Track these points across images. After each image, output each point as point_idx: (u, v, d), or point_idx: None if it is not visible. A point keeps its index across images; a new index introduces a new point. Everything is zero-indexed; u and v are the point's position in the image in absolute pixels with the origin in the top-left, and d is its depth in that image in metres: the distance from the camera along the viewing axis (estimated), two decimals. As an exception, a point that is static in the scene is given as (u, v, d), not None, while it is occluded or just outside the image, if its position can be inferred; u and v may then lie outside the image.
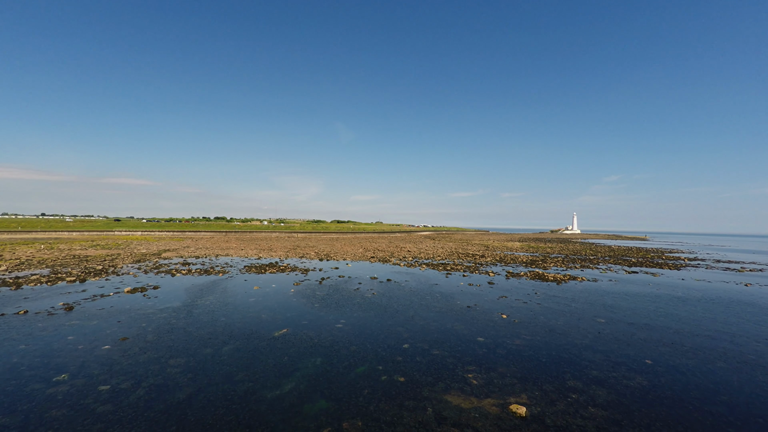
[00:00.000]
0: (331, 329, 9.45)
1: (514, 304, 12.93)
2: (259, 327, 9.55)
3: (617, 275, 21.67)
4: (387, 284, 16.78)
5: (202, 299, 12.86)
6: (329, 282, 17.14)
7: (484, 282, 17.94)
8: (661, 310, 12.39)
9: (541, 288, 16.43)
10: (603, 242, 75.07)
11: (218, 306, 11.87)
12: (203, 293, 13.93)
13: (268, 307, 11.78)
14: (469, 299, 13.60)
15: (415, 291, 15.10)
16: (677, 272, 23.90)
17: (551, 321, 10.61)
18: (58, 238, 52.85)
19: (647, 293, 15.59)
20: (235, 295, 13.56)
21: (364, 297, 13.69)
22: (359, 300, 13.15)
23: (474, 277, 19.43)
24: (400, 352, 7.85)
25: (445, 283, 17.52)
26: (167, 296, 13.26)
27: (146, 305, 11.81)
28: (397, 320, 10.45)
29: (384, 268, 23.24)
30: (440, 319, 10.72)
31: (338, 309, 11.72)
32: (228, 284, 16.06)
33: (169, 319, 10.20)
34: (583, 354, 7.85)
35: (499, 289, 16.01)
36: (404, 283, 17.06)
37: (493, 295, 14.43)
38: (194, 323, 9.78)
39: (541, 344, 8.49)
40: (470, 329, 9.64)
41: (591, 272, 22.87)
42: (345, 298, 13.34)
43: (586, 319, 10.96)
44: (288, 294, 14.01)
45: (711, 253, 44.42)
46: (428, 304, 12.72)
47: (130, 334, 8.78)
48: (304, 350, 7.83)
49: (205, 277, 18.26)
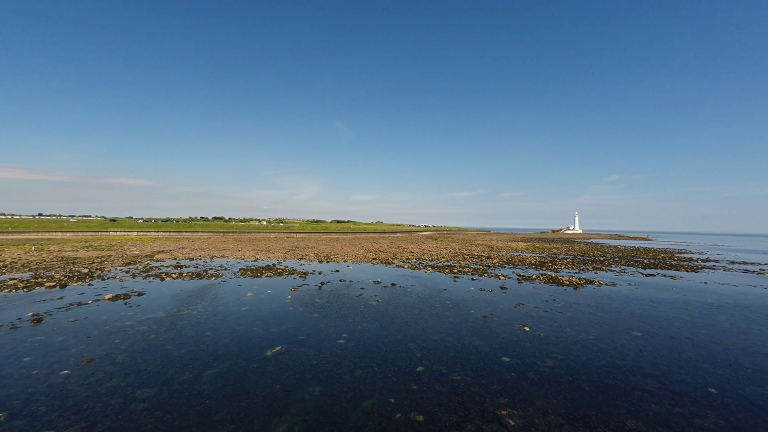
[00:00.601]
0: (331, 346, 8.23)
1: (533, 313, 11.71)
2: (249, 343, 8.32)
3: (634, 278, 20.46)
4: (392, 289, 15.56)
5: (189, 308, 11.63)
6: (329, 287, 15.91)
7: (496, 287, 16.72)
8: (698, 320, 11.17)
9: (558, 293, 15.22)
10: (607, 242, 73.90)
11: (206, 316, 10.64)
12: (192, 301, 12.70)
13: (261, 318, 10.55)
14: (484, 307, 12.37)
15: (423, 297, 13.88)
16: (695, 275, 22.69)
17: (581, 335, 9.39)
18: (52, 238, 51.57)
19: (675, 300, 14.37)
20: (227, 304, 12.33)
21: (368, 305, 12.46)
22: (363, 308, 11.93)
23: (484, 281, 18.21)
24: (414, 377, 6.62)
25: (454, 288, 16.30)
26: (151, 304, 12.03)
27: (125, 316, 10.57)
28: (406, 334, 9.23)
29: (387, 270, 22.02)
30: (455, 332, 9.50)
31: (340, 320, 10.50)
32: (220, 290, 14.83)
33: (147, 333, 8.97)
34: (631, 380, 6.63)
35: (513, 294, 14.78)
36: (410, 289, 15.84)
37: (509, 303, 13.20)
38: (176, 339, 8.55)
39: (577, 366, 7.27)
40: (491, 345, 8.41)
41: (605, 275, 21.66)
42: (347, 307, 12.11)
43: (619, 331, 9.74)
44: (284, 302, 12.78)
45: (721, 254, 43.24)
46: (439, 313, 11.50)
47: (99, 353, 7.55)
48: (301, 375, 6.61)
49: (196, 281, 17.02)
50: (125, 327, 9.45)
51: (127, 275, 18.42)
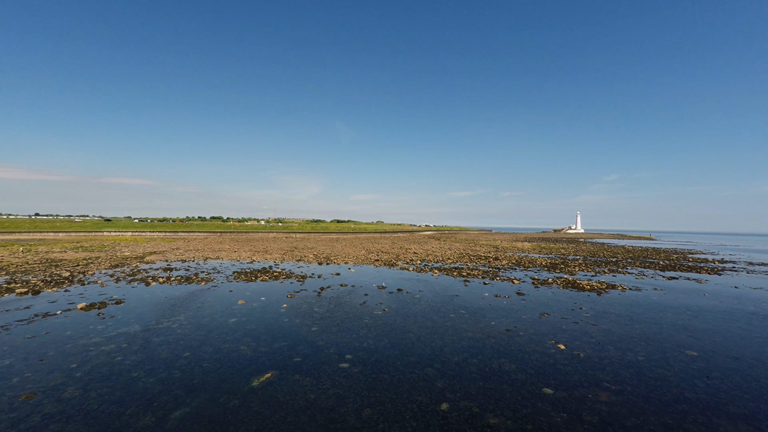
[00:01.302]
0: (333, 372, 6.80)
1: (562, 325, 10.29)
2: (233, 368, 6.89)
3: (657, 282, 19.05)
4: (398, 296, 14.13)
5: (170, 320, 10.20)
6: (330, 293, 14.48)
7: (512, 292, 15.29)
8: (755, 334, 9.74)
9: (582, 300, 13.79)
10: (612, 242, 72.51)
11: (187, 331, 9.21)
12: (175, 310, 11.27)
13: (251, 333, 9.12)
14: (504, 318, 10.95)
15: (435, 306, 12.45)
16: (719, 278, 21.28)
17: (627, 354, 7.97)
18: (43, 239, 50.09)
19: (713, 308, 12.95)
20: (213, 314, 10.90)
21: (374, 315, 11.03)
22: (368, 320, 10.50)
23: (498, 286, 16.78)
24: (438, 418, 5.19)
25: (467, 293, 14.87)
26: (128, 316, 10.59)
27: (94, 331, 9.14)
28: (422, 354, 7.80)
29: (391, 273, 20.59)
30: (478, 350, 8.07)
31: (342, 334, 9.07)
32: (209, 297, 13.40)
33: (114, 354, 7.54)
34: (716, 424, 5.20)
35: (533, 302, 13.36)
36: (418, 295, 14.41)
37: (531, 311, 11.78)
38: (145, 362, 7.12)
39: (640, 401, 5.84)
40: (526, 371, 6.99)
41: (625, 278, 20.24)
42: (350, 317, 10.68)
43: (670, 350, 8.31)
44: (279, 311, 11.34)
45: (733, 254, 41.85)
46: (455, 325, 10.07)
47: (45, 384, 6.12)
48: (294, 418, 5.18)
49: (184, 286, 15.59)
50: (89, 346, 8.01)
51: (111, 279, 16.98)
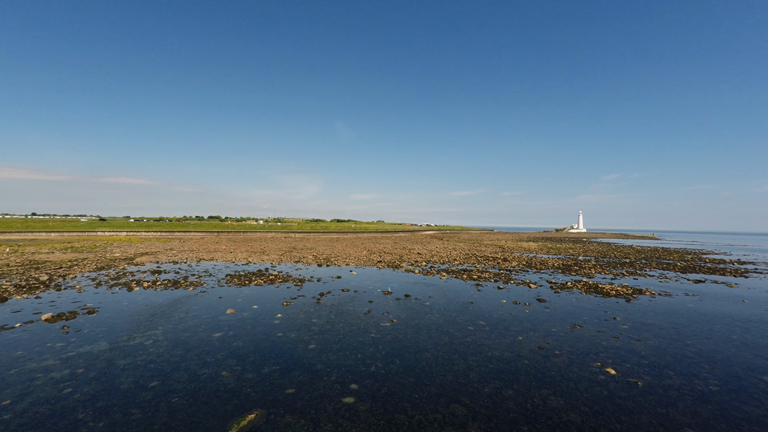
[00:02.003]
0: (335, 411, 5.36)
1: (602, 340, 8.84)
2: (209, 406, 5.45)
3: (684, 286, 17.61)
4: (406, 303, 12.69)
5: (145, 334, 8.76)
6: (330, 299, 13.04)
7: (531, 298, 13.86)
8: (829, 352, 8.32)
9: (612, 308, 12.36)
10: (617, 242, 71.06)
11: (162, 350, 7.77)
12: (153, 322, 9.83)
13: (237, 352, 7.68)
14: (531, 331, 9.51)
15: (449, 315, 11.02)
16: (748, 281, 19.85)
17: (695, 383, 6.52)
18: (35, 239, 48.61)
19: (762, 318, 11.51)
20: (197, 327, 9.45)
21: (381, 328, 9.59)
22: (374, 334, 9.06)
23: (514, 291, 15.34)
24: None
25: (482, 300, 13.43)
26: (97, 329, 9.15)
27: (51, 349, 7.70)
28: (444, 383, 6.36)
29: (396, 276, 19.15)
30: (512, 377, 6.62)
31: (344, 354, 7.63)
32: (195, 304, 11.97)
33: (63, 384, 6.09)
34: None
35: (558, 310, 11.92)
36: (429, 302, 12.98)
37: (560, 323, 10.35)
38: (99, 396, 5.68)
39: (742, 457, 4.41)
40: (578, 407, 5.54)
41: (647, 281, 18.81)
42: (353, 331, 9.24)
43: (744, 376, 6.86)
44: (272, 324, 9.89)
45: (748, 255, 40.43)
46: (478, 341, 8.63)
47: (-41, 433, 4.68)
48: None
49: (170, 292, 14.15)
50: (38, 371, 6.57)
51: (92, 284, 15.54)
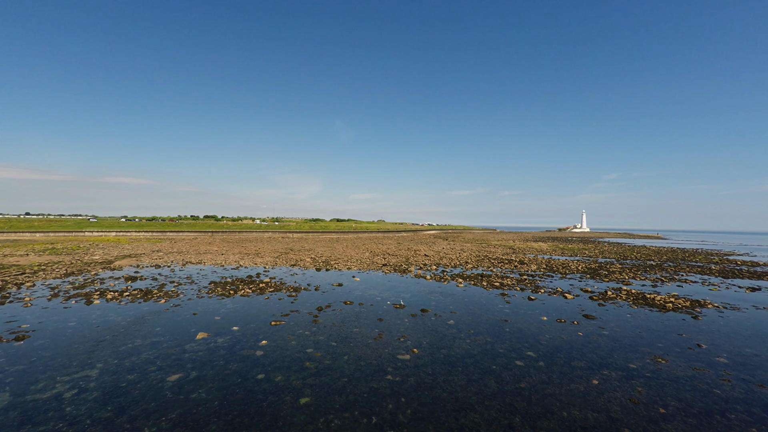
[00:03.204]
0: None
1: (713, 386, 6.36)
2: None
3: (742, 295, 15.16)
4: (424, 321, 10.23)
5: (73, 377, 6.30)
6: (330, 316, 10.58)
7: (574, 312, 11.41)
8: None
9: (681, 327, 9.92)
10: (626, 241, 68.63)
11: (84, 410, 5.30)
12: (94, 355, 7.37)
13: (192, 412, 5.20)
14: (603, 367, 7.04)
15: (483, 341, 8.55)
16: (806, 287, 17.43)
17: None
18: (17, 240, 46.09)
19: None
20: (150, 363, 6.98)
21: (399, 364, 7.12)
22: (392, 374, 6.58)
23: (549, 302, 12.87)
24: None
25: (515, 316, 10.97)
26: (11, 368, 6.67)
27: None
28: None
29: (405, 283, 16.69)
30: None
31: (352, 418, 5.17)
32: (160, 324, 9.51)
33: None
34: None
35: (617, 331, 9.46)
36: (451, 318, 10.52)
37: (631, 352, 7.88)
38: None
39: None
40: None
41: (695, 289, 16.37)
42: (362, 371, 6.77)
43: None
44: (252, 356, 7.41)
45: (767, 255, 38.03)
46: (538, 389, 6.15)
47: None
48: None
49: (136, 305, 11.69)
50: None
51: (48, 294, 13.07)
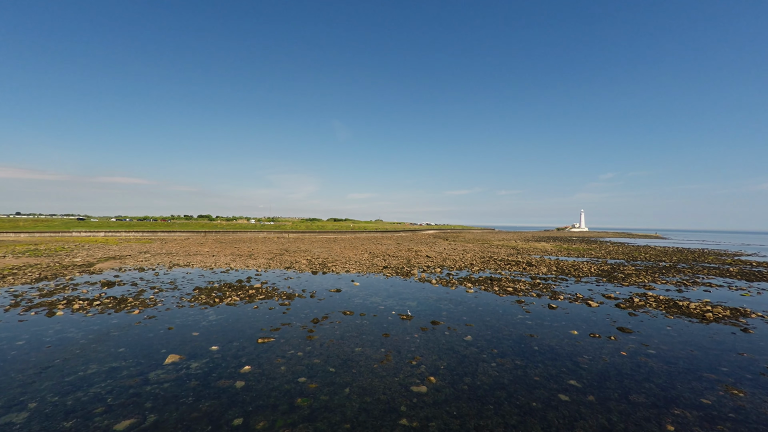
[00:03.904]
0: None
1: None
2: None
3: (778, 301, 13.86)
4: (437, 336, 8.78)
5: (-10, 422, 4.80)
6: (327, 331, 9.11)
7: (605, 324, 10.01)
8: None
9: (735, 344, 8.54)
10: (629, 241, 67.60)
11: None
12: (29, 388, 5.85)
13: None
14: (672, 404, 5.62)
15: (512, 365, 7.11)
16: (840, 292, 16.17)
17: None
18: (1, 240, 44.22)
19: None
20: (100, 399, 5.47)
21: (414, 401, 5.65)
22: (407, 417, 5.13)
23: (572, 312, 11.45)
24: None
25: (541, 329, 9.55)
26: None
27: None
28: None
29: (409, 288, 15.24)
30: None
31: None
32: (125, 343, 8.00)
33: None
34: None
35: (665, 350, 8.05)
36: (468, 333, 9.08)
37: (695, 379, 6.47)
38: None
39: None
40: None
41: (725, 295, 15.04)
42: (369, 412, 5.30)
43: None
44: (230, 389, 5.92)
45: (784, 256, 36.94)
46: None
47: None
48: None
49: (104, 317, 10.17)
50: None
51: (11, 302, 11.58)
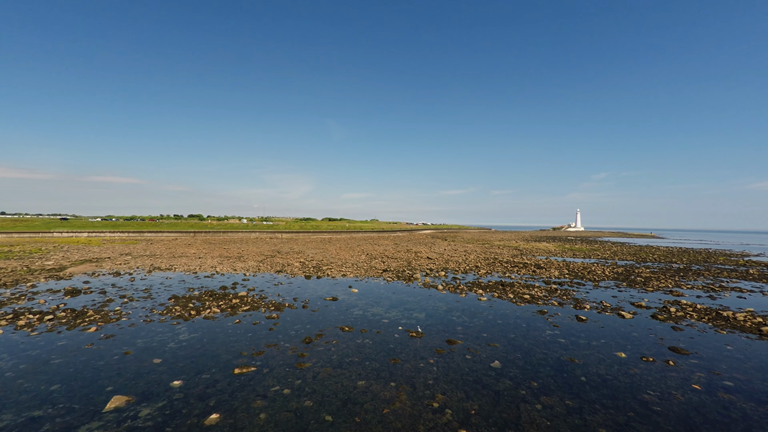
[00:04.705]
0: None
1: None
2: None
3: (824, 308, 12.48)
4: (456, 361, 7.16)
5: None
6: (321, 355, 7.44)
7: (646, 339, 8.47)
8: None
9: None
10: (629, 241, 66.70)
11: None
12: None
13: None
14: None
15: (558, 403, 5.51)
16: None
17: None
18: (-24, 241, 41.75)
19: None
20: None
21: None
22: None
23: (605, 324, 9.90)
24: None
25: (575, 347, 7.98)
26: None
27: None
28: None
29: (414, 295, 13.62)
30: None
31: None
32: (64, 373, 6.27)
33: None
34: None
35: (743, 381, 6.53)
36: (491, 353, 7.48)
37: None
38: None
39: None
40: None
41: (762, 301, 13.65)
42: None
43: None
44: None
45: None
46: None
47: None
48: None
49: (53, 335, 8.41)
50: None
51: (-59, 317, 9.68)
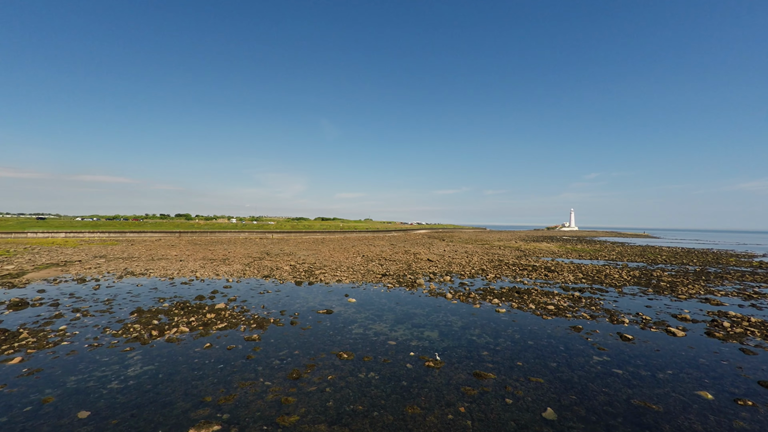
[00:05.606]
0: None
1: None
2: None
3: None
4: (493, 409, 5.37)
5: None
6: (313, 399, 5.58)
7: (717, 366, 6.82)
8: None
9: None
10: (627, 241, 65.99)
11: None
12: None
13: None
14: None
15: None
16: None
17: None
18: (-59, 242, 38.80)
19: None
20: None
21: None
22: None
23: (655, 342, 8.23)
24: None
25: (637, 380, 6.27)
26: None
27: None
28: None
29: (420, 305, 11.83)
30: None
31: None
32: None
33: None
34: None
35: None
36: (536, 394, 5.72)
37: None
38: None
39: None
40: None
41: (809, 310, 12.18)
42: None
43: None
44: None
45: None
46: None
47: None
48: None
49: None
50: None
51: None
